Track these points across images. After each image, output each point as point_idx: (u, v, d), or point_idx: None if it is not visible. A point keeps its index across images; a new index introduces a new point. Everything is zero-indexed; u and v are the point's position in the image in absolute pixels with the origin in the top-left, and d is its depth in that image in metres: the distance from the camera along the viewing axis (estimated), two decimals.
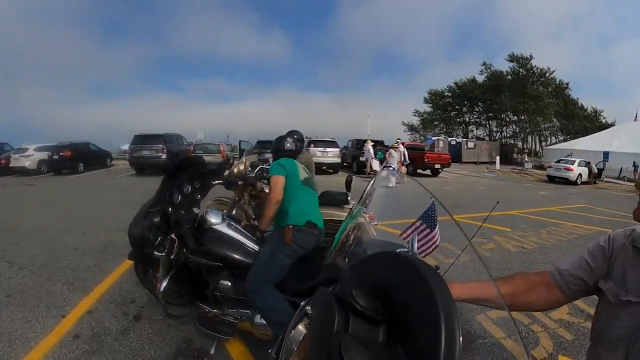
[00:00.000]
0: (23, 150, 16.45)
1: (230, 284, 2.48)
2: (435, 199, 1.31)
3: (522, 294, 1.09)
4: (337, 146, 18.65)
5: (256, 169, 3.88)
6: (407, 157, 16.34)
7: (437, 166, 18.71)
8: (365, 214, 2.11)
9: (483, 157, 33.15)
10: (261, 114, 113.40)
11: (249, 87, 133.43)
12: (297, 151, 3.79)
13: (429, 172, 18.78)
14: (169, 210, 2.42)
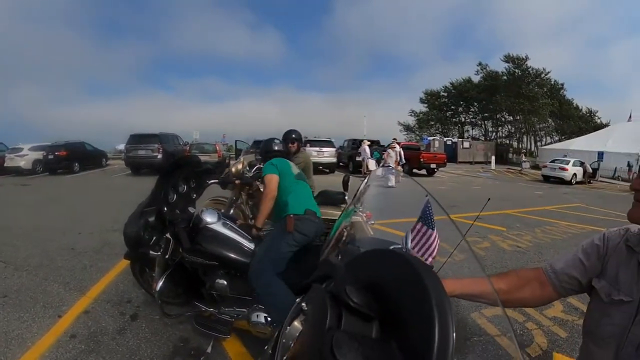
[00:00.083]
0: (18, 149, 16.29)
1: (226, 283, 2.49)
2: (430, 195, 1.32)
3: (516, 290, 1.10)
4: (333, 146, 18.65)
5: (254, 169, 3.90)
6: (402, 156, 16.37)
7: (432, 166, 18.77)
8: (362, 213, 2.12)
9: (478, 157, 33.24)
10: (257, 113, 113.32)
11: (244, 87, 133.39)
12: (286, 151, 3.83)
13: (424, 171, 18.82)
14: (165, 209, 2.42)
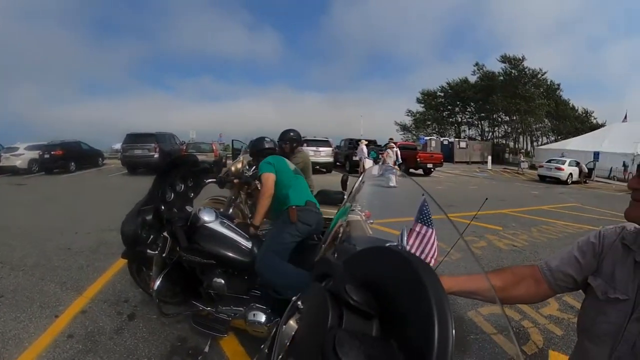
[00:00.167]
0: (14, 149, 16.17)
1: (223, 281, 2.49)
2: (427, 194, 1.33)
3: (511, 287, 1.11)
4: (329, 145, 18.65)
5: (253, 168, 3.91)
6: (399, 156, 16.41)
7: (429, 166, 18.85)
8: (361, 212, 2.14)
9: (475, 157, 33.33)
10: (254, 113, 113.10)
11: (241, 87, 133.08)
12: (281, 150, 3.88)
13: (421, 171, 18.87)
14: (162, 208, 2.43)
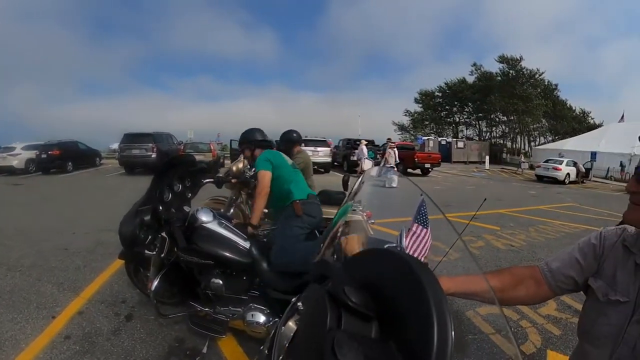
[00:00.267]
0: (10, 149, 16.06)
1: (221, 282, 2.48)
2: (425, 195, 1.33)
3: (510, 288, 1.10)
4: (327, 145, 18.69)
5: (253, 168, 3.91)
6: (397, 156, 16.43)
7: (427, 165, 18.88)
8: (362, 212, 2.13)
9: (473, 156, 33.39)
10: (252, 113, 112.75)
11: (239, 86, 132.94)
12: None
13: (419, 171, 18.89)
14: (160, 208, 2.42)
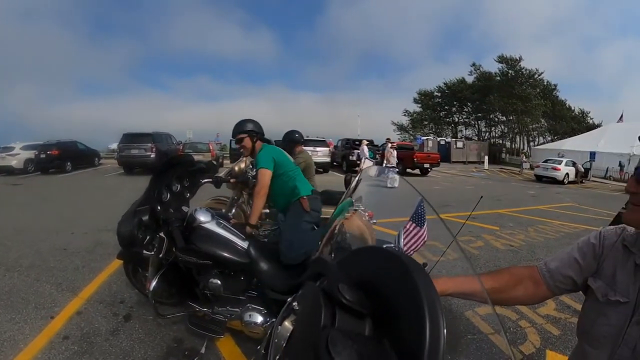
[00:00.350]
0: (9, 149, 16.03)
1: (219, 282, 2.47)
2: (423, 198, 1.33)
3: (509, 288, 1.10)
4: (326, 145, 18.74)
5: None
6: (396, 156, 16.47)
7: (426, 165, 18.88)
8: (364, 212, 2.13)
9: (472, 156, 33.42)
10: (251, 113, 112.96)
11: (238, 86, 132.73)
12: (289, 151, 3.92)
13: (418, 171, 18.92)
14: (158, 209, 2.41)
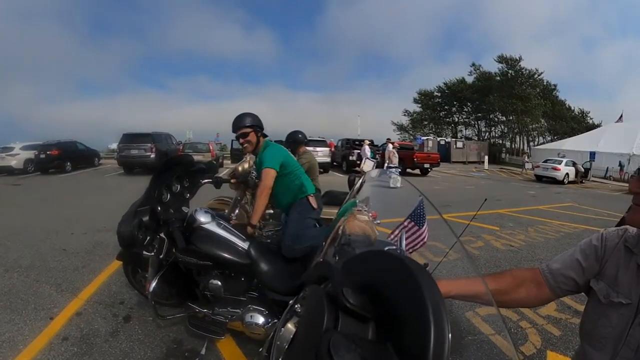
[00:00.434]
0: (9, 149, 16.04)
1: (220, 283, 2.47)
2: (424, 197, 1.32)
3: (511, 290, 1.09)
4: (326, 145, 18.79)
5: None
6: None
7: (426, 165, 18.90)
8: (368, 213, 2.12)
9: (472, 156, 33.46)
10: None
11: (238, 86, 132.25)
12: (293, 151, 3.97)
13: (418, 171, 18.92)
14: (158, 209, 2.40)
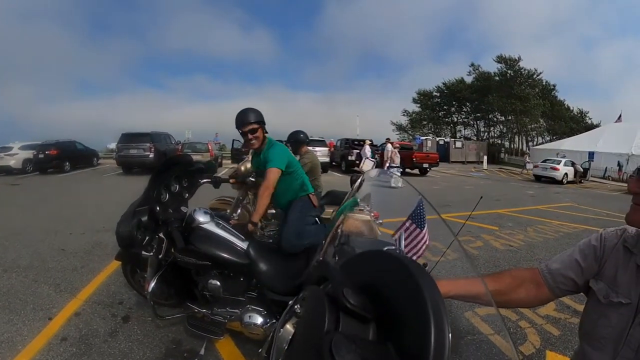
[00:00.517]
0: (8, 149, 15.99)
1: (219, 283, 2.46)
2: (423, 198, 1.32)
3: (511, 291, 1.09)
4: (325, 145, 18.83)
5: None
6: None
7: (425, 165, 18.90)
8: (370, 213, 2.12)
9: (471, 156, 33.53)
10: None
11: (237, 86, 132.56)
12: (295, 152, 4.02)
13: (417, 171, 18.94)
14: (157, 209, 2.40)
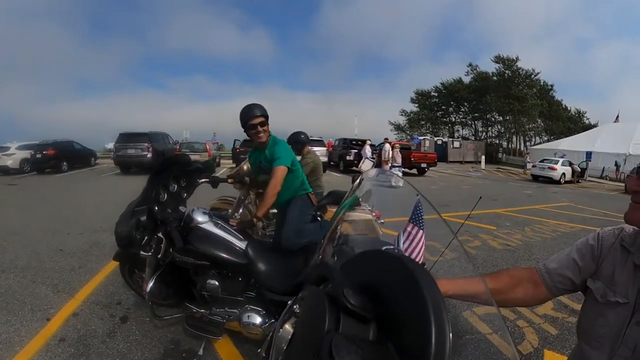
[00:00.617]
0: (5, 148, 15.94)
1: (217, 283, 2.46)
2: (423, 197, 1.32)
3: (508, 290, 1.10)
4: (324, 145, 18.85)
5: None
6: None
7: (423, 165, 18.93)
8: (372, 212, 2.12)
9: (469, 156, 33.56)
10: None
11: (235, 86, 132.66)
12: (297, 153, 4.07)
13: (415, 171, 18.96)
14: (156, 209, 2.39)
